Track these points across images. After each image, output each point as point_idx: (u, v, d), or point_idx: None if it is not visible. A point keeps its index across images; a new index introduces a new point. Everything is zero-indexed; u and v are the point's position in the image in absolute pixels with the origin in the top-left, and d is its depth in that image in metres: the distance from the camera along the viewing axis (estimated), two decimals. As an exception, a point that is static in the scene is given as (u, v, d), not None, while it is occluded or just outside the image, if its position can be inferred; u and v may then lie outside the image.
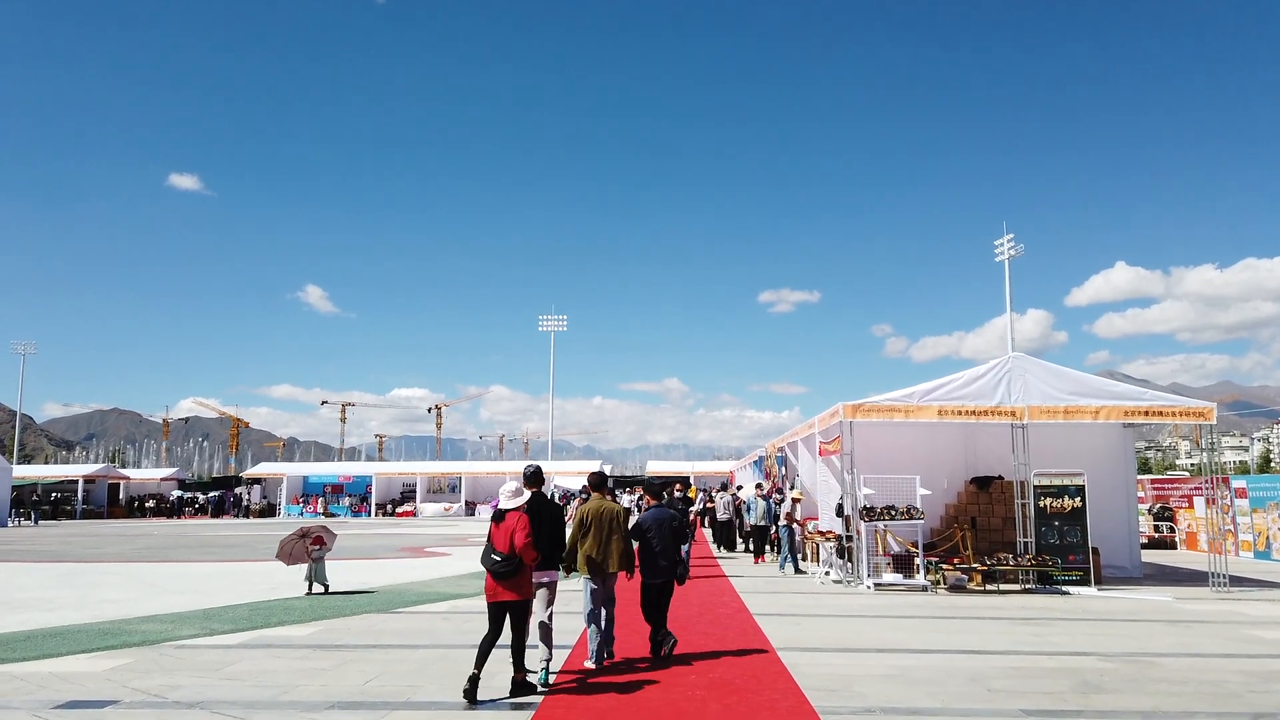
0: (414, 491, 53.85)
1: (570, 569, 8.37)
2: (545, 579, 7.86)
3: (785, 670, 8.01)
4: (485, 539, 7.39)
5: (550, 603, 7.81)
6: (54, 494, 53.95)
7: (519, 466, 49.91)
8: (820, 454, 17.76)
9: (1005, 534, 16.11)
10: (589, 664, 8.21)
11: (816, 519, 19.27)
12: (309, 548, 13.52)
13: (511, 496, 7.40)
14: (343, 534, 32.80)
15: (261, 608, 12.21)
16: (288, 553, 13.67)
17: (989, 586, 14.51)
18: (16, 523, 43.97)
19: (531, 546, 7.11)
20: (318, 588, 13.48)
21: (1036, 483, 15.01)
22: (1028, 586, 14.61)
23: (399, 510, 52.10)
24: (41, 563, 20.49)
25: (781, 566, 17.07)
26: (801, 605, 12.78)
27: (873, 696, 7.05)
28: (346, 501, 53.44)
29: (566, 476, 44.43)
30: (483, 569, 7.30)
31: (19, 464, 66.41)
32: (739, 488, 29.42)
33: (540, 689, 7.27)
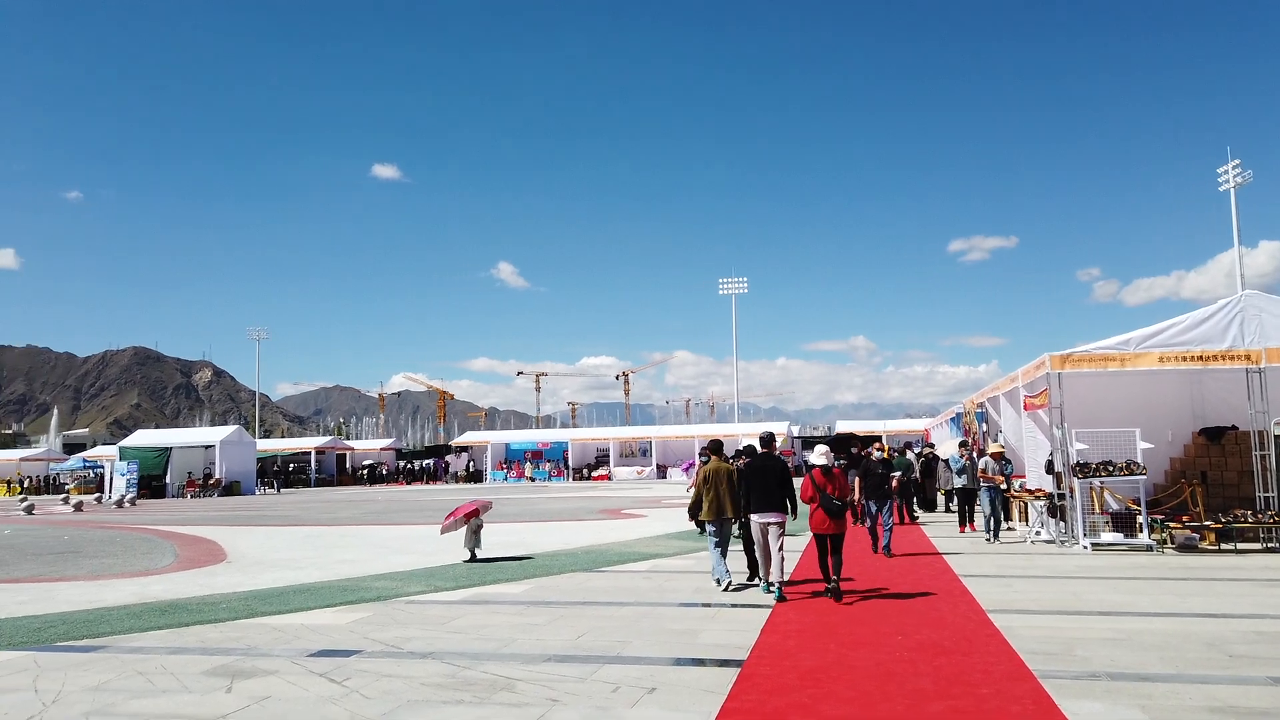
0: (607, 456, 55.64)
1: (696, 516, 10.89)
2: (775, 519, 9.82)
3: (998, 632, 7.73)
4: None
5: (780, 538, 9.82)
6: (291, 464, 59.73)
7: (707, 430, 50.63)
8: (1025, 408, 16.83)
9: (1242, 489, 14.70)
10: (718, 583, 10.43)
11: (1024, 477, 18.33)
12: (469, 519, 14.09)
13: (824, 457, 10.05)
14: (544, 497, 34.54)
15: (477, 567, 13.06)
16: (450, 525, 14.20)
17: (1224, 546, 13.33)
18: (262, 491, 49.06)
19: (849, 492, 10.13)
20: (474, 554, 14.00)
21: (1279, 432, 13.57)
22: (1270, 545, 13.31)
23: (594, 474, 54.01)
24: (287, 526, 22.81)
25: (988, 531, 15.49)
26: (1011, 566, 12.25)
27: (1097, 660, 6.68)
28: (546, 466, 55.97)
29: (755, 439, 44.42)
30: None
31: (260, 438, 73.96)
32: (929, 445, 28.37)
33: (776, 597, 9.58)
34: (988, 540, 15.22)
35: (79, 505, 34.98)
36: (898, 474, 18.40)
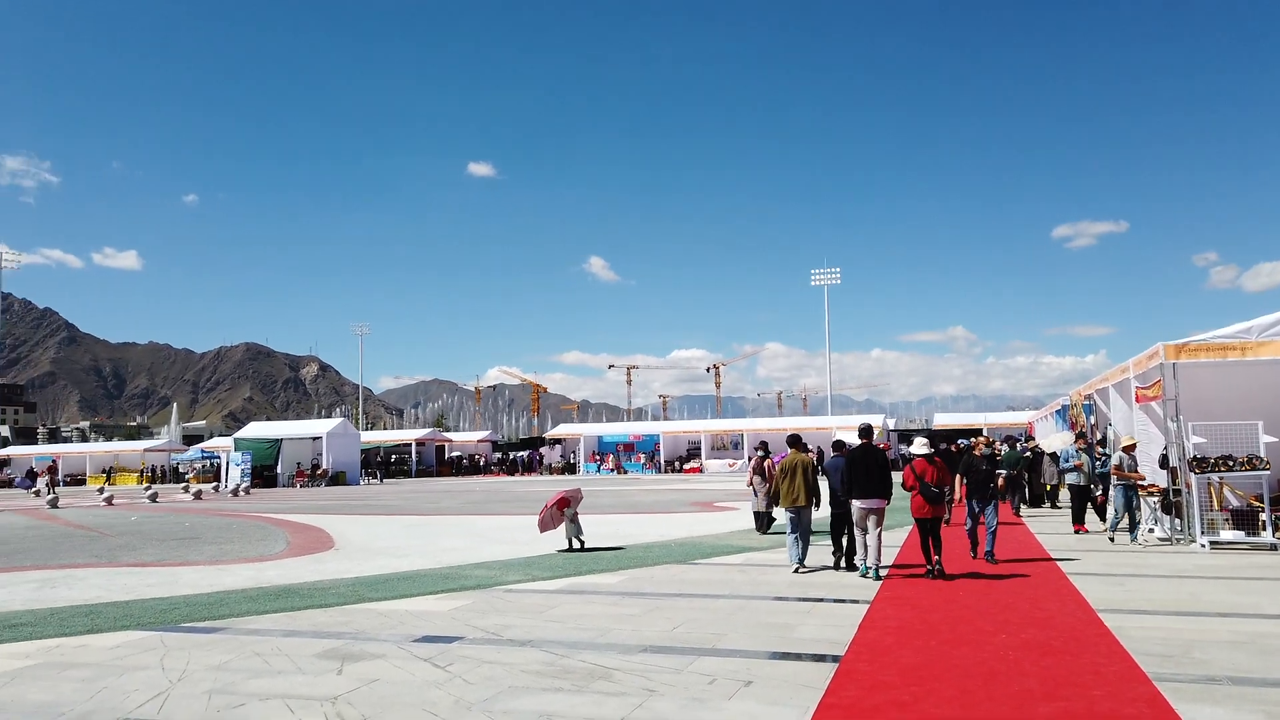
0: (699, 448, 55.60)
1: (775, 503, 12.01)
2: (875, 505, 10.56)
3: (1108, 632, 7.44)
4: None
5: (880, 524, 10.59)
6: (393, 455, 61.65)
7: (798, 423, 49.97)
8: (1137, 400, 16.11)
9: (1380, 486, 13.72)
10: (793, 567, 11.34)
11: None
12: (562, 510, 14.25)
13: (924, 446, 10.87)
14: (636, 489, 34.77)
15: (573, 557, 13.25)
16: (545, 520, 14.37)
17: (1360, 546, 12.48)
18: (366, 481, 50.77)
19: (947, 480, 11.01)
20: (576, 543, 14.07)
21: None
22: None
23: (686, 467, 54.06)
24: (390, 515, 23.57)
25: (1131, 531, 14.04)
26: (1122, 564, 11.76)
27: (1218, 664, 6.36)
28: (638, 458, 56.32)
29: (848, 431, 43.88)
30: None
31: (363, 430, 76.56)
32: (1025, 438, 27.41)
33: (874, 579, 10.33)
34: (1143, 542, 13.89)
35: (198, 494, 36.90)
36: (1001, 471, 17.53)
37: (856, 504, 10.72)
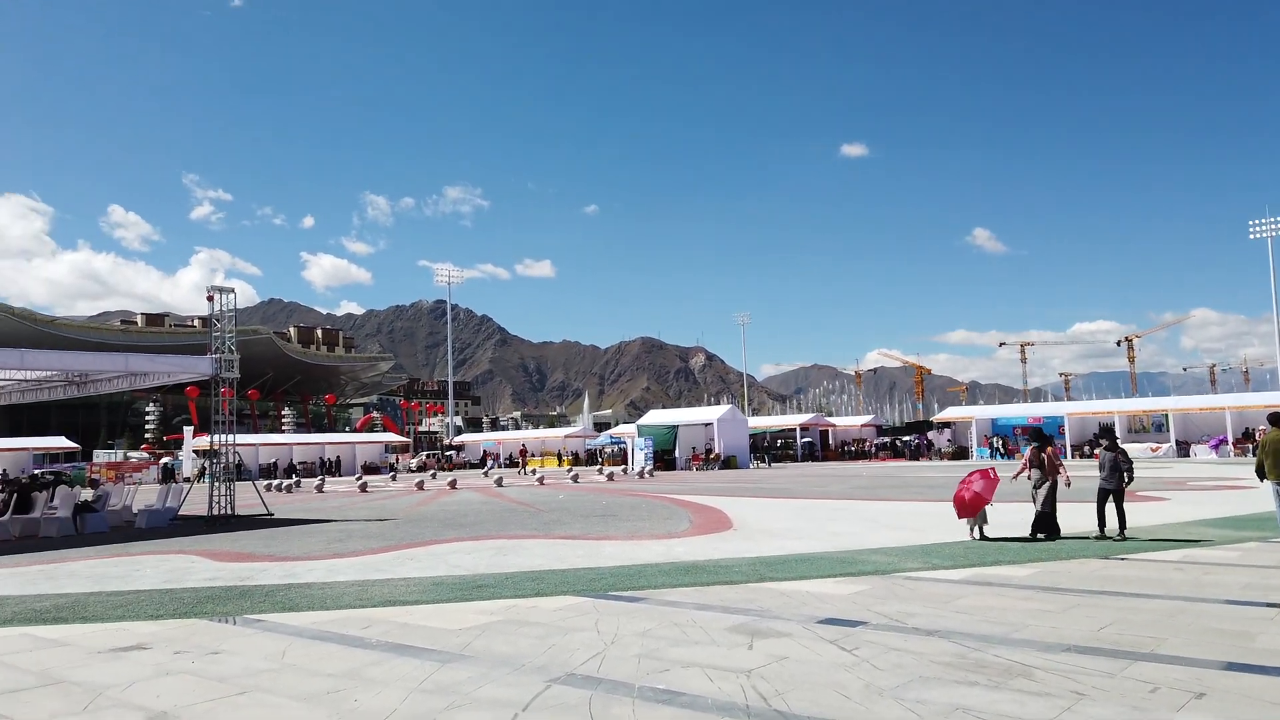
0: (1112, 431, 49.86)
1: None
2: None
3: None
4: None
5: None
6: (778, 440, 63.15)
7: (1243, 400, 42.92)
8: None
9: None
10: None
11: None
12: (987, 502, 13.39)
13: None
14: (1040, 476, 32.11)
15: (975, 547, 12.61)
16: (969, 505, 13.63)
17: None
18: (755, 465, 52.54)
19: None
20: (977, 533, 13.27)
21: None
22: None
23: (1096, 451, 48.83)
24: (780, 498, 24.19)
25: None
26: None
27: None
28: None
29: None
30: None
31: (749, 416, 79.18)
32: None
33: None
34: None
35: (610, 475, 40.77)
36: None
37: None
